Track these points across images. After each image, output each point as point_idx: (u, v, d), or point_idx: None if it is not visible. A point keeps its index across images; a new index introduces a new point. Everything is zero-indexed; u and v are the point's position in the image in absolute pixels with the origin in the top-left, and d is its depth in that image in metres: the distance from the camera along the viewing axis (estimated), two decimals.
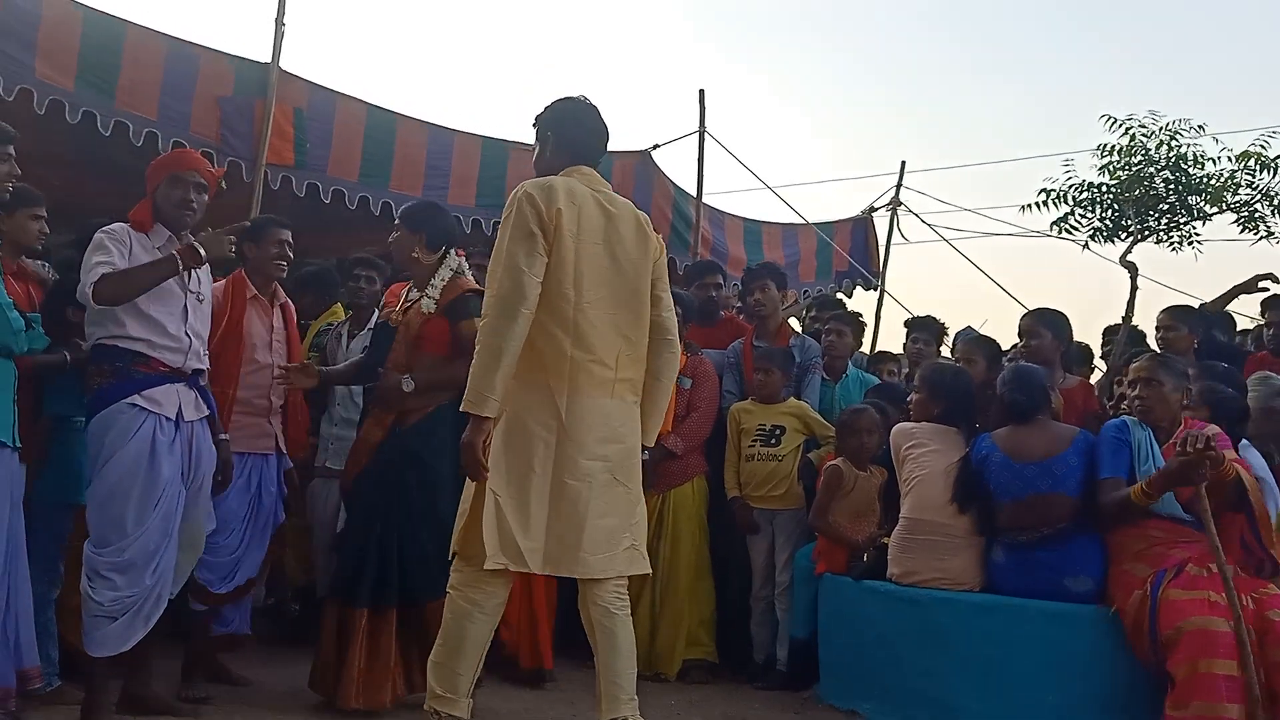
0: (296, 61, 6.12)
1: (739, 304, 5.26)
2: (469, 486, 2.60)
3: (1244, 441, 3.40)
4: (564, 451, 2.54)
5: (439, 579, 3.23)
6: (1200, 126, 4.62)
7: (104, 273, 2.82)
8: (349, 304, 4.49)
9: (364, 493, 3.32)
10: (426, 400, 3.34)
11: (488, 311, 2.51)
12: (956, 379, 3.83)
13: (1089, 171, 4.82)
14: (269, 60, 4.76)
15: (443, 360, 3.39)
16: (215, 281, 3.39)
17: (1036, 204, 4.94)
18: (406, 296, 3.46)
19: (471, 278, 3.53)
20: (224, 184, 3.19)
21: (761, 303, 4.57)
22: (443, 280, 3.40)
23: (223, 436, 3.16)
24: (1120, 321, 4.92)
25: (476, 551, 2.51)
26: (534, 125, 2.83)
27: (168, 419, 2.91)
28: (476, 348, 2.49)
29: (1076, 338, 4.74)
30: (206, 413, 3.06)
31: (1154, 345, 4.53)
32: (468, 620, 2.55)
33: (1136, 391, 3.28)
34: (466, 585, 2.58)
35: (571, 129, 2.77)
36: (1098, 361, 5.37)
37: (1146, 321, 4.85)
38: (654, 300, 2.77)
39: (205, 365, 3.09)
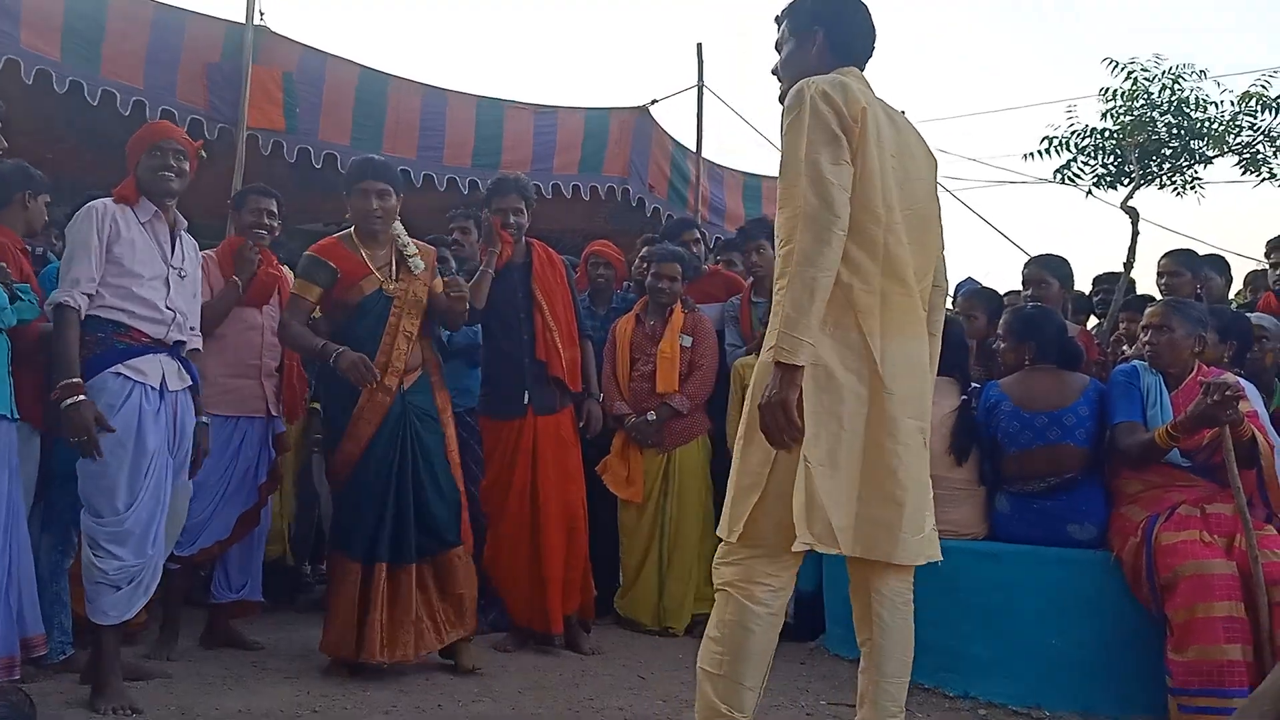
0: (285, 23, 6.03)
1: (720, 258, 5.24)
2: (750, 454, 2.11)
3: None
4: (879, 406, 2.07)
5: (453, 528, 3.32)
6: (1202, 72, 4.57)
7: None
8: None
9: (377, 452, 3.31)
10: (425, 358, 3.40)
11: (789, 236, 2.00)
12: (949, 329, 3.80)
13: (1093, 117, 4.78)
14: (248, 22, 4.68)
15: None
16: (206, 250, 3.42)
17: (1039, 151, 4.90)
18: (372, 262, 3.34)
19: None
20: (204, 154, 3.15)
21: (758, 264, 4.53)
22: (402, 234, 3.39)
23: (203, 420, 3.12)
24: (1120, 270, 4.90)
25: (765, 535, 2.07)
26: (786, 18, 2.31)
27: (152, 388, 2.88)
28: (782, 282, 1.99)
29: (1078, 286, 4.73)
30: (189, 383, 3.03)
31: (1154, 291, 4.51)
32: (753, 621, 2.06)
33: (1148, 337, 3.23)
34: (746, 580, 2.08)
35: (847, 23, 2.27)
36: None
37: (1149, 267, 4.84)
38: None
39: (188, 338, 3.04)
